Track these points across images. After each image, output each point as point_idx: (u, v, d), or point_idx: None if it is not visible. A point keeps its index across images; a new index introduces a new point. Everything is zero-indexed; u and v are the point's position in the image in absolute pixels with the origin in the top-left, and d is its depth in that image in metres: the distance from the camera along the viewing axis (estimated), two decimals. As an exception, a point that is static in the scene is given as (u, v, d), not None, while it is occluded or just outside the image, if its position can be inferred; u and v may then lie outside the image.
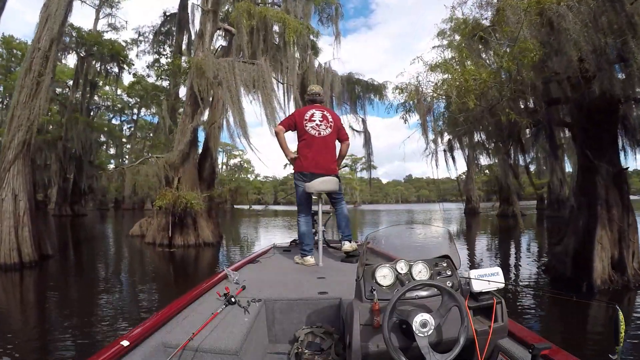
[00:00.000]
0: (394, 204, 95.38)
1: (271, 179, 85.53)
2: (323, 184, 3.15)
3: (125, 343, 1.45)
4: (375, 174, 75.27)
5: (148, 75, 25.76)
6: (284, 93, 12.91)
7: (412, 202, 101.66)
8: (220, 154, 61.27)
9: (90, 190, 30.73)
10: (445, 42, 11.16)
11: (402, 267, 1.55)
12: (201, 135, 14.21)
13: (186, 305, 1.97)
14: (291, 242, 4.02)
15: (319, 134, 3.28)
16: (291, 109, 12.51)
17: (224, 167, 62.35)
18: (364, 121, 14.90)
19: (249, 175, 67.20)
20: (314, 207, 3.40)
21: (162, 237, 11.90)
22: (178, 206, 11.46)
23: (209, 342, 1.64)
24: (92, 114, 28.91)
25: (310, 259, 3.10)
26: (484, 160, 26.97)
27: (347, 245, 3.27)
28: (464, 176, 30.56)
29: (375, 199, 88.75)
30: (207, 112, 13.59)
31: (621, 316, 1.14)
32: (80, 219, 26.46)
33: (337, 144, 3.49)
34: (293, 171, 3.41)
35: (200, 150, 13.95)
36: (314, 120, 3.29)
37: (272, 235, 16.67)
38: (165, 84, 24.11)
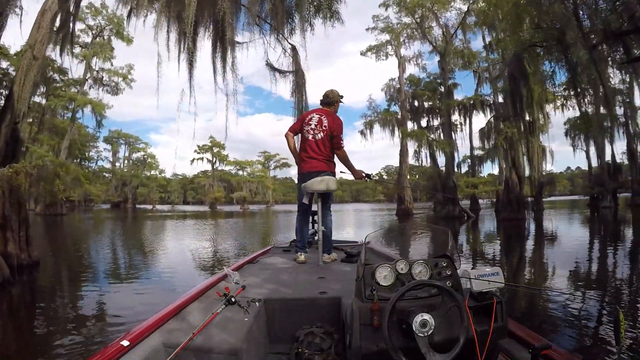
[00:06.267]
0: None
1: (180, 177, 77.44)
2: (322, 183, 3.21)
3: (125, 343, 1.45)
4: (287, 173, 70.38)
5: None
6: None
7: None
8: (122, 146, 54.60)
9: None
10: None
11: (402, 267, 1.56)
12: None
13: (186, 305, 1.96)
14: (291, 242, 4.07)
15: (313, 137, 3.39)
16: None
17: (126, 161, 56.44)
18: (294, 50, 8.55)
19: (153, 172, 59.52)
20: (314, 207, 3.47)
21: None
22: None
23: (209, 342, 1.64)
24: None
25: (300, 257, 3.21)
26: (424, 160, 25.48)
27: (326, 257, 3.25)
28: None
29: (288, 198, 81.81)
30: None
31: (621, 316, 1.13)
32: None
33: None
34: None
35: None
36: (310, 124, 3.42)
37: (154, 256, 9.34)
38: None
